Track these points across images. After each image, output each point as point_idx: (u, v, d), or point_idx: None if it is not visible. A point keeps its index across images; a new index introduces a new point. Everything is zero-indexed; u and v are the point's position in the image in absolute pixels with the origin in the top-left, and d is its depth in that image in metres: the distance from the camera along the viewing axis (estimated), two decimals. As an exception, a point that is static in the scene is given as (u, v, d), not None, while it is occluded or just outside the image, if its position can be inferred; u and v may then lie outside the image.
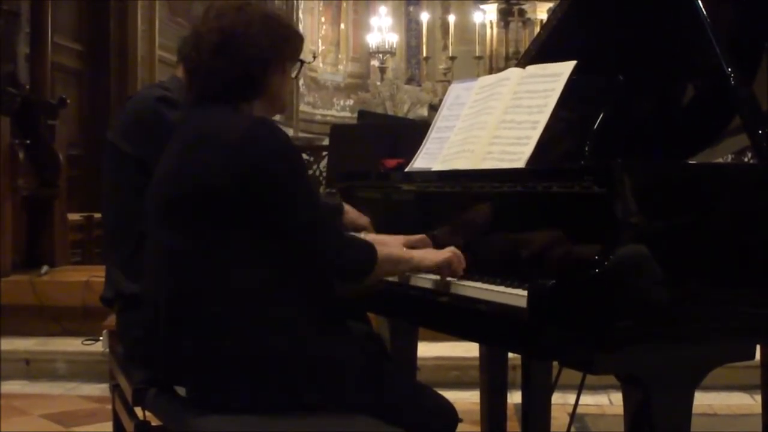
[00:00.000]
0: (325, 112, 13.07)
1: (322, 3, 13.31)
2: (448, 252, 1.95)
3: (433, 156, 2.36)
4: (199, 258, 1.77)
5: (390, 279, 2.11)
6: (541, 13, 10.91)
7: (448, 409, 1.94)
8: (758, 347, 2.38)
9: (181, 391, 1.90)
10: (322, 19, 13.36)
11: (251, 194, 1.74)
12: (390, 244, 2.06)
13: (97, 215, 5.67)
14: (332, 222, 1.91)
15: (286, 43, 1.93)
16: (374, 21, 12.17)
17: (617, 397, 3.65)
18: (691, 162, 2.17)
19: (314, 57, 12.32)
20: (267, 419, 1.75)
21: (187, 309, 1.77)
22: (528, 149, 2.01)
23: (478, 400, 2.81)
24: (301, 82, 12.14)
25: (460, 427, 2.02)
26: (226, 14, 1.88)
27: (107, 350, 2.54)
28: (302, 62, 2.02)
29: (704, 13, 2.04)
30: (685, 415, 1.71)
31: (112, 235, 2.42)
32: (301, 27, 12.16)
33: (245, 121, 1.83)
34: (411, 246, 2.09)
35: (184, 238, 1.79)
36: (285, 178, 1.78)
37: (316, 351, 1.78)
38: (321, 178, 8.06)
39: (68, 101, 5.74)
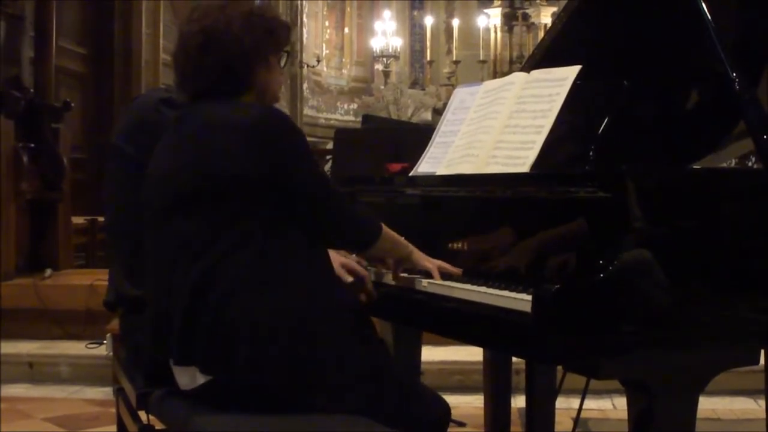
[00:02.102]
0: (329, 115, 13.07)
1: (326, 7, 13.31)
2: (438, 262, 2.06)
3: (438, 160, 2.35)
4: (223, 245, 1.78)
5: (393, 283, 2.12)
6: (546, 17, 10.92)
7: (441, 402, 1.98)
8: (762, 352, 2.37)
9: (183, 381, 1.89)
10: (326, 23, 13.36)
11: (271, 174, 1.80)
12: None
13: (101, 219, 5.67)
14: (341, 194, 1.98)
15: (269, 36, 1.97)
16: (378, 25, 12.16)
17: (621, 402, 3.64)
18: (695, 167, 2.17)
19: (318, 61, 12.34)
20: (268, 419, 1.74)
21: (208, 298, 1.76)
22: (532, 154, 2.00)
23: (482, 405, 2.81)
24: (305, 85, 12.14)
25: (464, 431, 2.02)
26: (209, 14, 1.93)
27: (111, 354, 2.54)
28: (288, 53, 2.06)
29: (709, 17, 2.04)
30: (689, 420, 1.71)
31: (115, 238, 2.42)
32: (305, 31, 12.18)
33: (254, 107, 1.90)
34: None
35: (204, 226, 1.80)
36: (299, 156, 1.87)
37: (323, 352, 1.78)
38: (325, 181, 8.06)
39: (72, 105, 5.75)
